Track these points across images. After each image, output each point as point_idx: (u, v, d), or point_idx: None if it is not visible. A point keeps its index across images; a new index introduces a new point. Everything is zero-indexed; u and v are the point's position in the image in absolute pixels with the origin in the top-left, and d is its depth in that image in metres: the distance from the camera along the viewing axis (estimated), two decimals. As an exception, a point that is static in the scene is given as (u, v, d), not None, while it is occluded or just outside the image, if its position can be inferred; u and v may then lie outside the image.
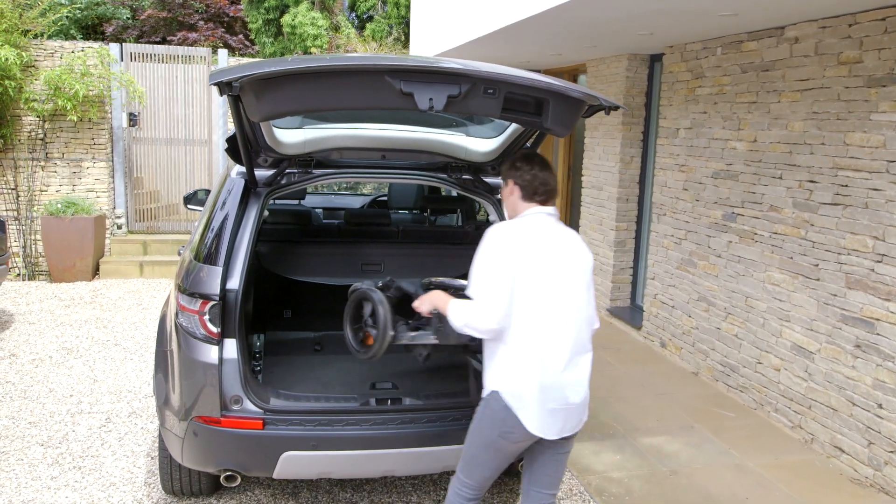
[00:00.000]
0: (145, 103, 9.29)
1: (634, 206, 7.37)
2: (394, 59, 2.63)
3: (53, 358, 6.00)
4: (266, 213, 4.67)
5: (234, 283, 3.25)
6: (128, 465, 4.20)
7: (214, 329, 3.19)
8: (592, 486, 4.12)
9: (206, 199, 4.40)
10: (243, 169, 3.51)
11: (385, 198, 6.40)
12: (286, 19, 16.76)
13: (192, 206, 5.28)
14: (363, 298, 3.28)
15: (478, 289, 2.71)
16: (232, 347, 3.23)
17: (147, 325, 6.96)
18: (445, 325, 2.83)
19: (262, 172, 3.60)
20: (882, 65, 4.20)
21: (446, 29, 8.30)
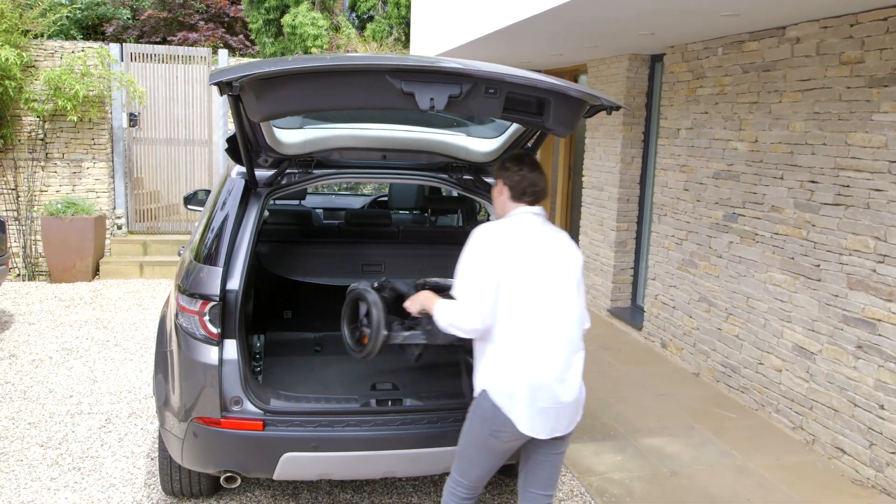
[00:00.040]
0: (145, 103, 9.29)
1: (635, 207, 7.36)
2: (395, 59, 2.62)
3: (53, 358, 5.99)
4: (266, 214, 4.67)
5: (235, 283, 3.25)
6: (127, 465, 4.20)
7: (214, 330, 3.18)
8: (593, 488, 4.11)
9: (207, 199, 4.39)
10: (243, 169, 3.50)
11: (385, 198, 6.39)
12: (286, 19, 16.75)
13: (192, 207, 5.27)
14: (358, 298, 3.35)
15: (461, 289, 2.75)
16: (232, 348, 3.22)
17: (147, 326, 6.95)
18: (434, 326, 2.87)
19: (262, 172, 3.59)
20: (884, 65, 4.19)
21: (447, 29, 8.29)
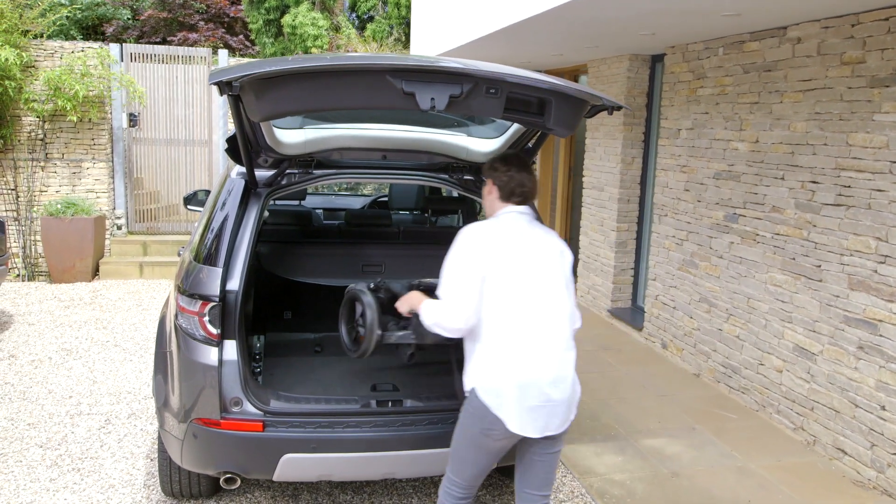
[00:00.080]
0: (145, 104, 9.28)
1: (635, 207, 7.35)
2: (395, 59, 2.61)
3: (53, 359, 5.98)
4: (266, 214, 4.66)
5: (234, 284, 3.24)
6: (127, 466, 4.19)
7: (214, 330, 3.17)
8: (594, 489, 4.10)
9: (206, 199, 4.38)
10: (243, 169, 3.49)
11: (386, 198, 6.38)
12: (286, 20, 16.75)
13: (192, 207, 5.27)
14: (355, 299, 3.44)
15: (445, 289, 2.78)
16: (232, 349, 3.22)
17: (147, 326, 6.94)
18: (422, 325, 2.91)
19: (262, 173, 3.58)
20: (885, 65, 4.18)
21: (447, 29, 8.28)
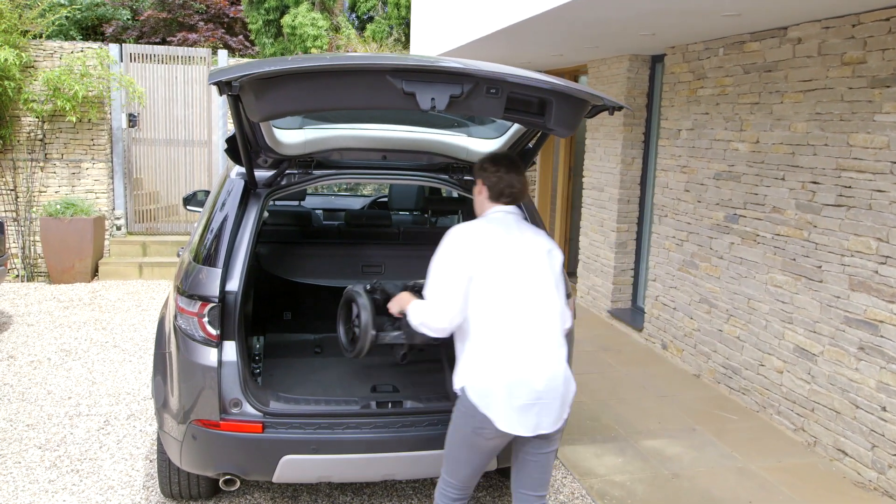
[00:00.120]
0: (145, 104, 9.27)
1: (636, 208, 7.34)
2: (395, 59, 2.61)
3: (52, 360, 5.97)
4: (266, 215, 4.65)
5: (234, 284, 3.23)
6: (126, 468, 4.18)
7: (213, 331, 3.16)
8: (594, 490, 4.09)
9: (206, 200, 4.37)
10: (243, 170, 3.48)
11: (385, 199, 6.37)
12: (286, 20, 16.73)
13: (191, 208, 5.25)
14: (351, 300, 3.52)
15: (430, 289, 2.82)
16: (231, 350, 3.21)
17: (146, 327, 6.93)
18: (411, 325, 2.96)
19: (261, 173, 3.57)
20: (886, 65, 4.17)
21: (447, 29, 8.28)
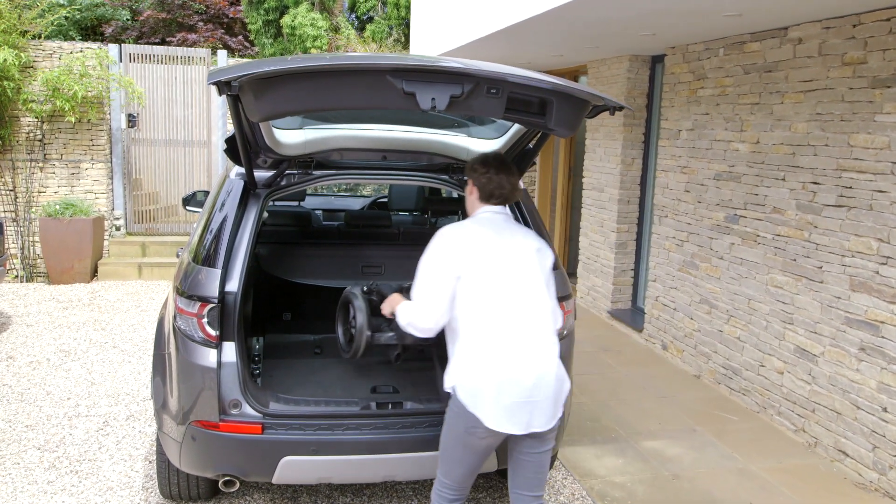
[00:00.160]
0: (144, 104, 9.26)
1: (636, 208, 7.33)
2: (395, 59, 2.59)
3: (51, 360, 5.96)
4: (265, 215, 4.64)
5: (233, 285, 3.22)
6: (125, 469, 4.17)
7: (213, 332, 3.15)
8: (595, 491, 4.08)
9: (205, 200, 4.36)
10: (242, 170, 3.48)
11: (385, 199, 6.37)
12: (286, 20, 16.72)
13: (190, 208, 5.24)
14: (347, 302, 3.57)
15: (416, 290, 2.85)
16: (231, 351, 3.20)
17: (145, 328, 6.92)
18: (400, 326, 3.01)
19: (261, 173, 3.57)
20: (887, 66, 4.17)
21: (446, 30, 8.27)
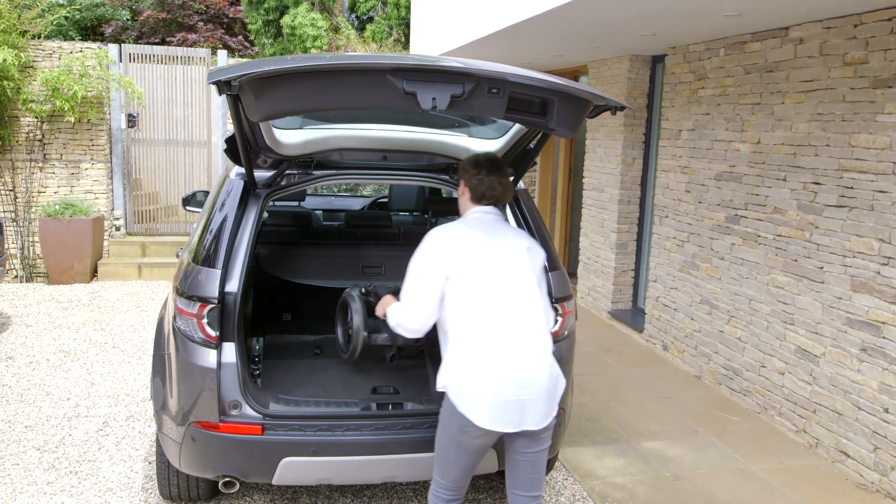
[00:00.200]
0: (144, 104, 9.25)
1: (636, 208, 7.33)
2: (396, 58, 2.58)
3: (50, 361, 5.95)
4: (265, 215, 4.63)
5: (233, 285, 3.21)
6: (125, 469, 4.16)
7: (213, 332, 3.14)
8: (595, 492, 4.07)
9: (205, 200, 4.35)
10: (242, 170, 3.47)
11: (386, 199, 6.36)
12: (286, 20, 16.72)
13: (190, 208, 5.23)
14: (345, 303, 3.63)
15: (405, 291, 2.88)
16: (230, 351, 3.19)
17: (145, 328, 6.91)
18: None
19: (261, 174, 3.56)
20: (888, 66, 4.16)
21: (446, 30, 8.26)
